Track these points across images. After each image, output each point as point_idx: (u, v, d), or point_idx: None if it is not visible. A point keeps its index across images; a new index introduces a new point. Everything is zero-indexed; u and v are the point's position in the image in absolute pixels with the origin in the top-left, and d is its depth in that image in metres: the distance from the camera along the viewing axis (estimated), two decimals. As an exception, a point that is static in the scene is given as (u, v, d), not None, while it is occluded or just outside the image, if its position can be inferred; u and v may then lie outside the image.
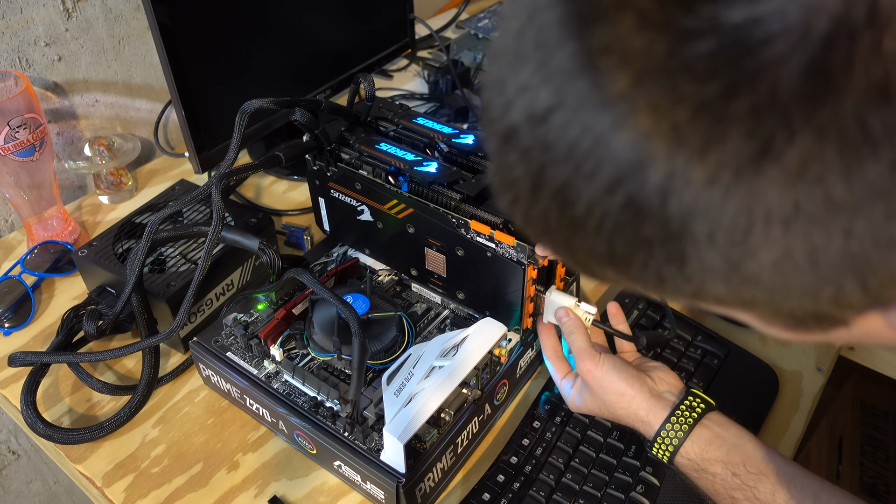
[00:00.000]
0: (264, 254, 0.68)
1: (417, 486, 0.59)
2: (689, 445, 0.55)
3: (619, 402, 0.59)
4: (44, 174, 0.83)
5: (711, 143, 0.22)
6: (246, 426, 0.69)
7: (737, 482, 0.53)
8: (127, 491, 0.64)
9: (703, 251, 0.24)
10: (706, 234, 0.24)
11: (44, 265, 0.85)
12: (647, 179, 0.23)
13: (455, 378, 0.59)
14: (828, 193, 0.22)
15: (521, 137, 0.26)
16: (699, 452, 0.55)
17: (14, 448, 1.05)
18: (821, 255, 0.23)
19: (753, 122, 0.22)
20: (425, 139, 0.73)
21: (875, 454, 1.22)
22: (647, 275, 0.26)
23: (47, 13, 0.88)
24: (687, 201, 0.23)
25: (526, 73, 0.25)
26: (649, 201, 0.24)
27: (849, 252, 0.23)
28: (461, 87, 1.12)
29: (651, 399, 0.58)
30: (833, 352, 0.79)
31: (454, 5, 1.47)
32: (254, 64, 0.89)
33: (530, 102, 0.25)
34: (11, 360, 0.69)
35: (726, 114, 0.22)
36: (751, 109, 0.22)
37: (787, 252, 0.23)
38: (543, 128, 0.25)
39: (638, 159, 0.23)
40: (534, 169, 0.26)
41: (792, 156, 0.22)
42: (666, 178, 0.23)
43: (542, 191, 0.26)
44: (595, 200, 0.25)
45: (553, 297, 0.66)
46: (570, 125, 0.24)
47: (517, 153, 0.26)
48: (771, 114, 0.21)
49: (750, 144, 0.22)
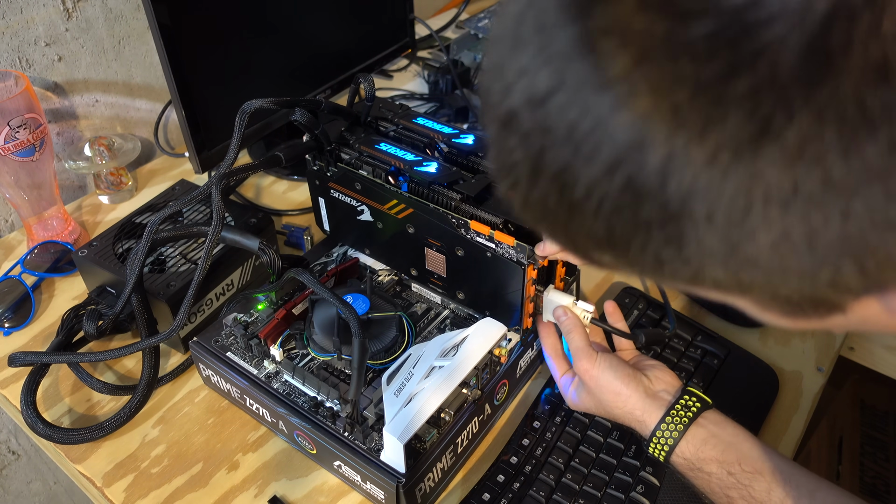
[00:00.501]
0: (264, 254, 0.68)
1: (417, 486, 0.59)
2: (685, 445, 0.55)
3: (614, 402, 0.59)
4: (44, 174, 0.83)
5: (711, 123, 0.22)
6: (246, 426, 0.69)
7: (732, 481, 0.53)
8: (127, 491, 0.64)
9: (702, 232, 0.24)
10: (705, 215, 0.24)
11: (44, 265, 0.85)
12: (647, 160, 0.23)
13: (455, 378, 0.59)
14: (826, 174, 0.22)
15: (521, 121, 0.26)
16: (694, 452, 0.55)
17: (14, 448, 1.05)
18: (819, 237, 0.23)
19: (753, 102, 0.22)
20: (425, 139, 0.73)
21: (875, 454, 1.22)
22: (645, 258, 0.26)
23: (47, 13, 0.88)
24: (686, 182, 0.23)
25: (525, 57, 0.25)
26: (649, 182, 0.24)
27: (846, 234, 0.23)
28: (461, 87, 1.12)
29: (646, 398, 0.58)
30: (833, 352, 0.79)
31: (454, 5, 1.47)
32: (254, 64, 0.89)
33: (530, 85, 0.25)
34: (11, 360, 0.69)
35: (726, 94, 0.22)
36: (750, 90, 0.22)
37: (785, 233, 0.23)
38: (543, 111, 0.25)
39: (638, 140, 0.23)
40: (533, 152, 0.26)
41: (791, 136, 0.22)
42: (665, 159, 0.23)
43: (542, 174, 0.26)
44: (594, 182, 0.25)
45: (551, 296, 0.66)
46: (569, 107, 0.24)
47: (516, 137, 0.26)
48: (770, 94, 0.21)
49: (749, 125, 0.22)
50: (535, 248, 0.61)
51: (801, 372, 0.76)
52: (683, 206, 0.24)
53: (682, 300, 0.84)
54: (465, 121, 1.10)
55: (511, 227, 0.63)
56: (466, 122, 1.10)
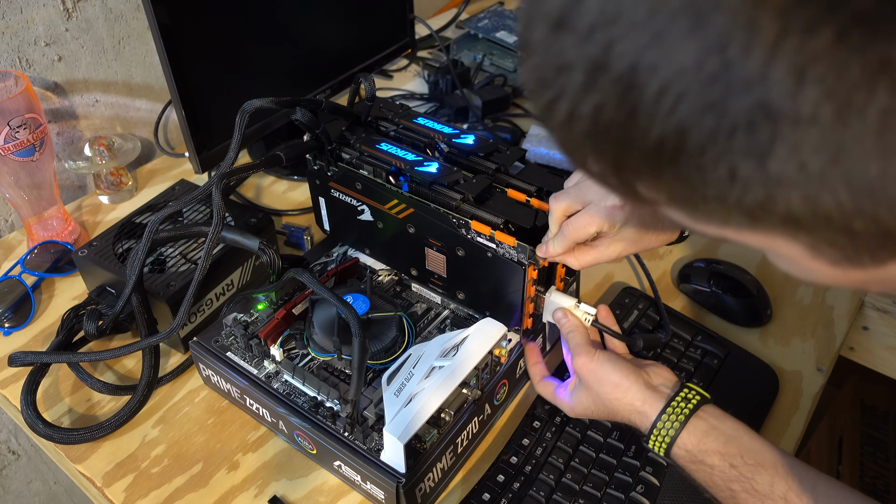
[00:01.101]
0: (264, 254, 0.68)
1: (417, 486, 0.59)
2: (686, 436, 0.55)
3: (613, 394, 0.58)
4: (44, 174, 0.83)
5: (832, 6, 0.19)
6: (246, 426, 0.69)
7: (735, 473, 0.52)
8: (127, 491, 0.64)
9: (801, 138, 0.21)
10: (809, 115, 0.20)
11: (44, 265, 0.85)
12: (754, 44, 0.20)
13: (455, 378, 0.59)
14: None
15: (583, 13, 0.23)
16: (696, 444, 0.54)
17: (14, 448, 1.05)
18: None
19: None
20: (426, 139, 0.73)
21: (875, 454, 1.22)
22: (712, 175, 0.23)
23: (47, 13, 0.88)
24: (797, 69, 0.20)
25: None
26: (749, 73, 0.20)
27: None
28: (461, 87, 1.12)
29: (646, 390, 0.57)
30: (833, 352, 0.79)
31: (454, 5, 1.47)
32: (254, 64, 0.90)
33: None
34: (11, 360, 0.69)
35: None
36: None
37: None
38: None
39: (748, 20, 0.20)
40: (596, 49, 0.23)
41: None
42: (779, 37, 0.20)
43: (604, 74, 0.23)
44: (676, 75, 0.22)
45: (553, 298, 0.66)
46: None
47: (573, 36, 0.24)
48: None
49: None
50: (535, 249, 0.61)
51: (801, 372, 0.76)
52: (786, 103, 0.20)
53: (682, 300, 0.84)
54: (465, 121, 1.11)
55: (512, 228, 0.63)
56: (466, 122, 1.10)
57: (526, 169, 0.71)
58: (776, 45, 0.20)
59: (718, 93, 0.21)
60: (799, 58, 0.20)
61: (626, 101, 0.23)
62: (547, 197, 0.62)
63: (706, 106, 0.22)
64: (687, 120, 0.22)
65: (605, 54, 0.23)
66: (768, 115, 0.21)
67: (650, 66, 0.22)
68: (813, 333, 0.80)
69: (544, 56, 0.25)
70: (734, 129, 0.22)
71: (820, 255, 0.27)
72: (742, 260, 0.86)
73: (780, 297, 0.83)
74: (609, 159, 0.26)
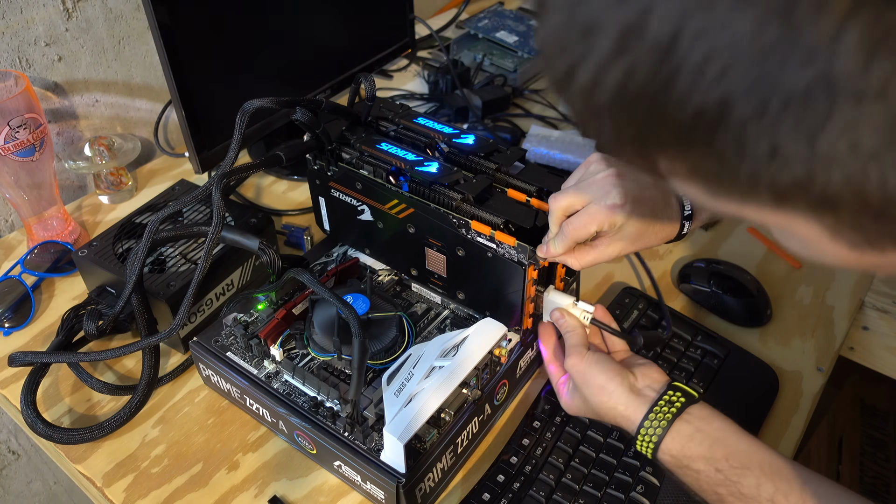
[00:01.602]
0: (264, 254, 0.68)
1: (417, 486, 0.59)
2: (670, 441, 0.54)
3: (598, 397, 0.58)
4: (44, 174, 0.83)
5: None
6: (246, 426, 0.69)
7: (720, 478, 0.51)
8: (127, 491, 0.64)
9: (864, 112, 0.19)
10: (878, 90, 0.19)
11: (44, 265, 0.85)
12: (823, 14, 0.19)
13: (455, 378, 0.59)
14: None
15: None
16: (680, 449, 0.53)
17: (14, 448, 1.05)
18: None
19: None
20: (426, 139, 0.73)
21: (875, 454, 1.22)
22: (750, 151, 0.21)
23: (47, 13, 0.88)
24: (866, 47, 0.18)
25: None
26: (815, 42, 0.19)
27: None
28: (461, 87, 1.12)
29: (630, 394, 0.57)
30: (833, 352, 0.79)
31: (454, 5, 1.47)
32: (254, 64, 0.90)
33: None
34: (11, 360, 0.69)
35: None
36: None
37: None
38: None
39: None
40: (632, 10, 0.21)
41: None
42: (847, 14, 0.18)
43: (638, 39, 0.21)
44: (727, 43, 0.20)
45: (551, 297, 0.66)
46: None
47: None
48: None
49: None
50: (535, 249, 0.61)
51: (801, 372, 0.76)
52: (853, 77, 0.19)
53: (682, 300, 0.84)
54: (465, 121, 1.11)
55: (512, 228, 0.63)
56: (466, 122, 1.10)
57: (526, 169, 0.71)
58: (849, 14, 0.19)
59: (775, 63, 0.20)
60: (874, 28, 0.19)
61: (663, 69, 0.21)
62: (547, 197, 0.62)
63: (758, 77, 0.20)
64: (733, 92, 0.21)
65: (642, 17, 0.21)
66: (829, 89, 0.19)
67: (696, 32, 0.20)
68: (813, 333, 0.80)
69: (567, 16, 0.23)
70: (787, 104, 0.20)
71: (840, 237, 0.25)
72: (742, 260, 0.86)
73: (780, 297, 0.83)
74: (632, 131, 0.24)
